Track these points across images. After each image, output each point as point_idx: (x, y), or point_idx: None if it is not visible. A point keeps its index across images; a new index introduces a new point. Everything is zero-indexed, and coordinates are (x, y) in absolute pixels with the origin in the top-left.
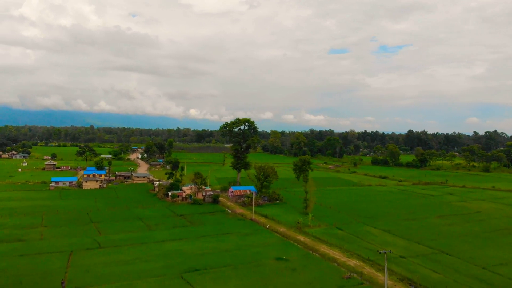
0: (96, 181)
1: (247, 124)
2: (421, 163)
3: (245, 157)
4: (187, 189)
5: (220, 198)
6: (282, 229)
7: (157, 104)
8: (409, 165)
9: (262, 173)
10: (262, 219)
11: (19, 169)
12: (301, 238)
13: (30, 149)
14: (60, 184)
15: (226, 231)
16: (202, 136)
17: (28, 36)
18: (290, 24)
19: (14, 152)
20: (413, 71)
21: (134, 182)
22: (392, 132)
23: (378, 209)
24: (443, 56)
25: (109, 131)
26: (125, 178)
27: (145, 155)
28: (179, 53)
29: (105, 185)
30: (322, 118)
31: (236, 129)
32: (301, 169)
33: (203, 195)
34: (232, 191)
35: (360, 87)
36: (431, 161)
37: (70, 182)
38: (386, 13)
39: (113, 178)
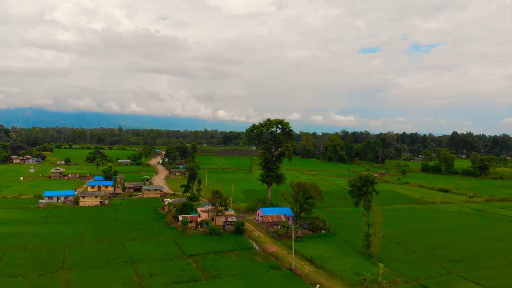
0: (96, 196)
1: (279, 126)
2: (481, 170)
3: (277, 168)
4: (203, 212)
5: (246, 225)
6: None
7: (186, 106)
8: (465, 173)
9: (301, 193)
10: (306, 268)
11: (21, 177)
12: None
13: (50, 152)
14: (54, 200)
15: None
16: (229, 138)
17: (61, 40)
18: (318, 24)
19: (27, 156)
20: (446, 71)
21: (144, 196)
22: (429, 134)
23: (463, 245)
24: (477, 55)
25: (136, 132)
26: (135, 190)
27: (166, 160)
28: (207, 55)
29: (106, 201)
30: (352, 118)
31: (266, 132)
32: (361, 192)
33: (223, 222)
34: (262, 216)
35: (391, 87)
36: (490, 168)
37: (66, 197)
38: (417, 11)
39: (121, 190)
